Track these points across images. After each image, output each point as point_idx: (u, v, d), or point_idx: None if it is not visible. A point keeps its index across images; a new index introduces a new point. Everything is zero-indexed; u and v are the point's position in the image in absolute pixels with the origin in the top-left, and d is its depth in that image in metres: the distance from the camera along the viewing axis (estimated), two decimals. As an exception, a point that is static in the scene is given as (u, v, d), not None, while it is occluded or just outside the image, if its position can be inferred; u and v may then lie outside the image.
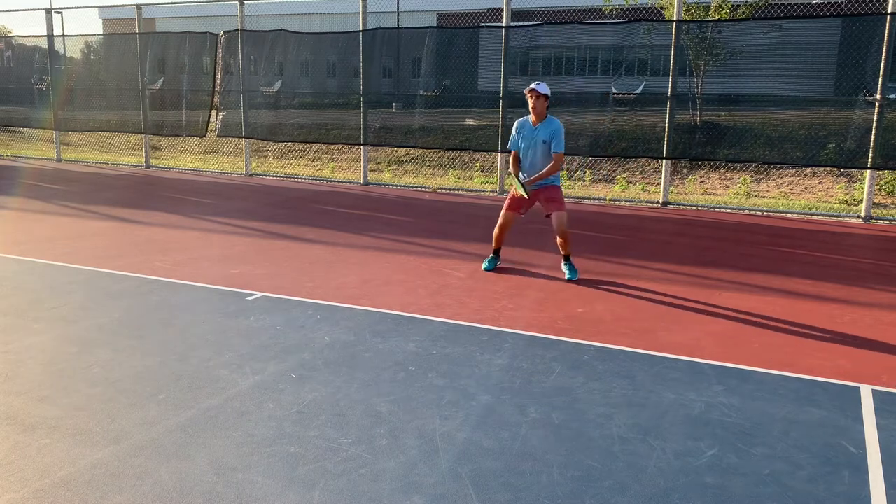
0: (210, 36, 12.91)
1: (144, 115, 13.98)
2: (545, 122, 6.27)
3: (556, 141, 6.20)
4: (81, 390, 3.89)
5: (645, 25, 10.31)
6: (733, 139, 10.79)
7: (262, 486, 2.99)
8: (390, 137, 12.32)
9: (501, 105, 10.90)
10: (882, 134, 8.97)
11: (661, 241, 8.15)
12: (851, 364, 4.43)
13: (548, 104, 6.27)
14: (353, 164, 14.93)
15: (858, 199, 10.52)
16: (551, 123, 6.25)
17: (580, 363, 4.38)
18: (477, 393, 3.93)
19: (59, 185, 12.06)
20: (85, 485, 2.98)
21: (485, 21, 17.31)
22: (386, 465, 3.17)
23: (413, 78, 11.98)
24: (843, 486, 3.06)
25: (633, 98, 10.27)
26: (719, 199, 11.20)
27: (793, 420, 3.66)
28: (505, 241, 6.73)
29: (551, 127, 6.23)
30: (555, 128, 6.22)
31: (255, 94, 12.90)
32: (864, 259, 7.46)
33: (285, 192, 11.45)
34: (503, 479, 3.08)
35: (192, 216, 9.10)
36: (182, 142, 16.80)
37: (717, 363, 4.41)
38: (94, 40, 16.27)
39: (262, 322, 5.04)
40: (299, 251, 7.25)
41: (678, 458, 3.27)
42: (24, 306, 5.34)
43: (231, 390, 3.91)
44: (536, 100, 6.19)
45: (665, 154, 10.14)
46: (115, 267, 6.51)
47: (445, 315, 5.25)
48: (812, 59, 9.80)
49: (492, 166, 13.51)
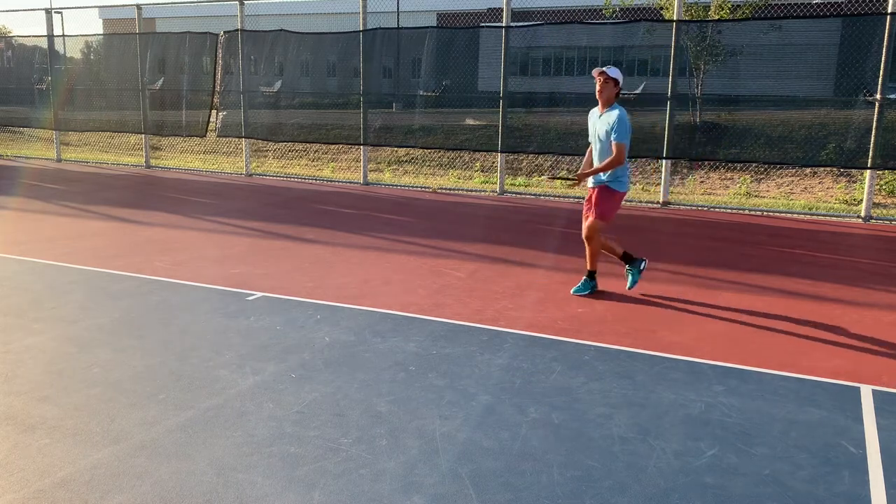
0: (210, 36, 12.91)
1: (144, 115, 13.98)
2: (609, 110, 5.64)
3: (617, 130, 5.51)
4: (81, 390, 3.89)
5: (645, 25, 10.31)
6: (733, 139, 10.80)
7: (263, 486, 2.99)
8: (390, 137, 12.32)
9: (501, 105, 10.90)
10: (882, 134, 8.97)
11: (662, 241, 8.15)
12: (851, 364, 4.43)
13: (618, 91, 5.63)
14: (353, 164, 14.94)
15: (858, 199, 10.52)
16: (614, 111, 5.59)
17: (580, 363, 4.38)
18: (477, 393, 3.93)
19: (59, 185, 12.06)
20: (85, 485, 2.98)
21: (485, 21, 17.31)
22: (386, 465, 3.17)
23: (413, 78, 11.97)
24: (843, 486, 3.06)
25: (633, 98, 10.27)
26: (719, 199, 11.19)
27: (793, 420, 3.66)
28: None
29: (613, 115, 5.57)
30: (615, 116, 5.55)
31: (255, 94, 12.90)
32: (864, 259, 7.46)
33: (285, 192, 11.45)
34: (503, 479, 3.08)
35: (192, 216, 9.10)
36: (182, 142, 16.80)
37: (717, 363, 4.41)
38: (94, 40, 16.27)
39: (262, 322, 5.04)
40: (299, 251, 7.25)
41: (678, 458, 3.27)
42: (24, 306, 5.34)
43: (231, 390, 3.91)
44: (604, 83, 5.57)
45: (665, 154, 10.14)
46: (115, 267, 6.51)
47: (445, 315, 5.25)
48: (812, 59, 9.80)
49: (492, 166, 13.51)
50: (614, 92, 5.63)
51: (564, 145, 11.07)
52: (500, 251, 7.40)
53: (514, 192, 11.69)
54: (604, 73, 5.58)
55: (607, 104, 5.66)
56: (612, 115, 5.59)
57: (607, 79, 5.58)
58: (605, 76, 5.58)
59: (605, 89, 5.60)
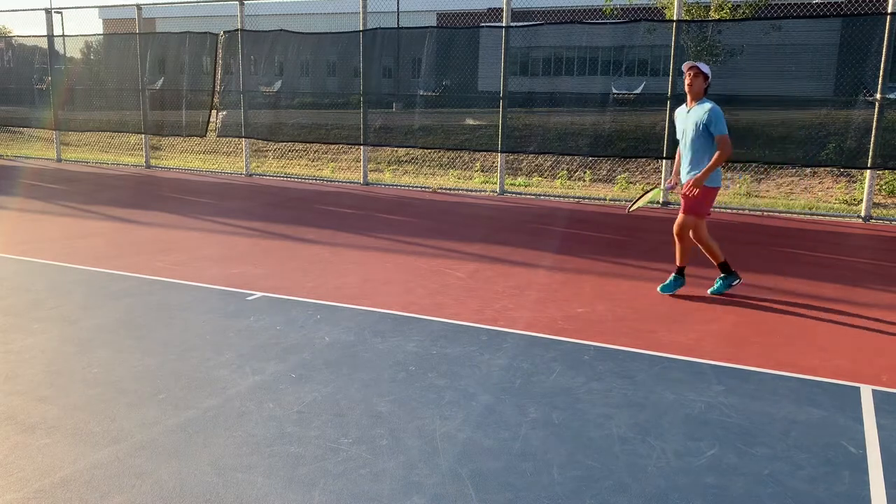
0: (210, 36, 12.91)
1: (144, 115, 13.98)
2: (699, 103, 5.66)
3: (716, 122, 5.51)
4: (81, 390, 3.89)
5: (645, 25, 10.31)
6: (733, 139, 10.76)
7: (263, 486, 2.99)
8: (390, 137, 12.32)
9: (501, 105, 10.90)
10: (882, 134, 8.97)
11: (661, 241, 8.14)
12: (851, 364, 4.43)
13: (707, 86, 5.68)
14: (353, 164, 14.94)
15: (858, 199, 10.52)
16: (705, 104, 5.62)
17: (580, 363, 4.38)
18: (477, 393, 3.93)
19: (59, 185, 12.06)
20: (85, 485, 2.98)
21: (485, 21, 17.31)
22: (386, 465, 3.17)
23: (413, 78, 11.97)
24: (843, 486, 3.06)
25: (633, 98, 10.27)
26: (719, 199, 11.17)
27: (793, 420, 3.66)
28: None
29: (705, 107, 5.58)
30: (710, 108, 5.54)
31: (255, 94, 12.90)
32: (864, 259, 7.46)
33: (285, 192, 11.45)
34: (503, 479, 3.08)
35: (192, 216, 9.10)
36: (182, 142, 16.80)
37: (717, 363, 4.41)
38: (94, 40, 16.27)
39: (262, 322, 5.04)
40: (299, 251, 7.25)
41: (678, 458, 3.27)
42: (24, 306, 5.34)
43: (231, 390, 3.91)
44: (694, 77, 5.62)
45: (665, 154, 10.14)
46: (115, 267, 6.51)
47: (445, 315, 5.25)
48: (812, 59, 9.79)
49: (492, 166, 13.51)
50: (703, 86, 5.66)
51: (564, 145, 11.07)
52: (500, 251, 7.40)
53: (514, 192, 11.70)
54: (695, 67, 5.62)
55: (696, 98, 5.69)
56: (704, 107, 5.60)
57: (697, 73, 5.62)
58: (696, 70, 5.62)
59: (694, 83, 5.64)
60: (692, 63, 5.66)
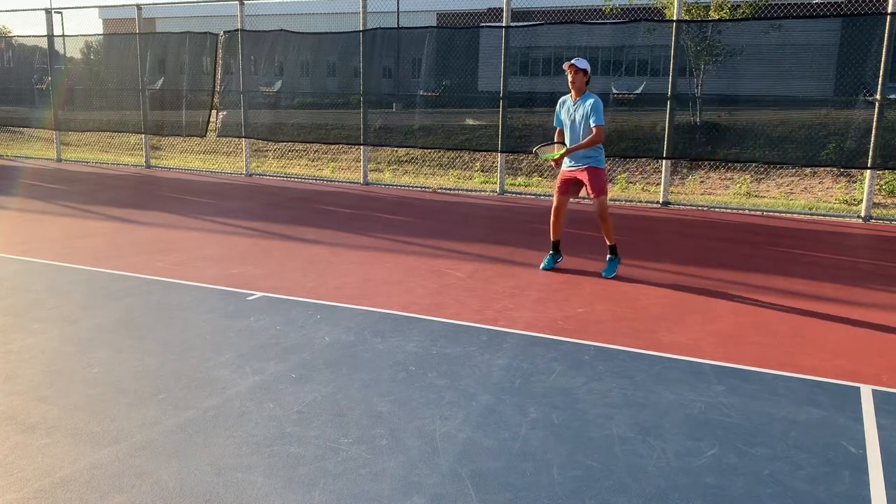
0: (210, 36, 12.91)
1: (144, 115, 13.98)
2: (583, 97, 6.28)
3: (595, 115, 6.16)
4: (81, 390, 3.89)
5: (645, 25, 10.31)
6: (733, 139, 10.80)
7: (263, 486, 2.99)
8: (390, 137, 12.32)
9: (501, 105, 10.90)
10: (882, 134, 8.97)
11: (662, 241, 8.15)
12: (851, 364, 4.43)
13: (587, 79, 6.28)
14: (353, 164, 14.93)
15: (858, 199, 10.52)
16: (588, 98, 6.24)
17: (580, 363, 4.38)
18: (477, 393, 3.93)
19: (59, 185, 12.06)
20: (85, 485, 2.98)
21: (485, 21, 17.31)
22: (386, 465, 3.17)
23: (413, 78, 11.97)
24: (843, 486, 3.06)
25: (633, 98, 10.27)
26: (719, 199, 11.19)
27: (793, 420, 3.66)
28: (560, 232, 6.64)
29: (587, 102, 6.22)
30: (592, 102, 6.20)
31: (255, 94, 12.90)
32: (864, 259, 7.46)
33: (285, 192, 11.45)
34: (503, 479, 3.08)
35: (192, 216, 9.10)
36: (182, 142, 16.79)
37: (717, 363, 4.41)
38: (94, 40, 16.27)
39: (262, 322, 5.04)
40: (299, 251, 7.25)
41: (678, 458, 3.27)
42: (24, 306, 5.34)
43: (231, 390, 3.91)
44: (575, 74, 6.22)
45: (665, 154, 10.14)
46: (115, 267, 6.51)
47: (445, 315, 5.25)
48: (812, 59, 9.79)
49: (492, 166, 13.51)
50: (584, 80, 6.28)
51: (564, 145, 11.04)
52: (500, 251, 7.41)
53: (514, 192, 11.69)
54: (573, 66, 6.22)
55: (580, 93, 6.30)
56: (587, 102, 6.22)
57: (577, 70, 6.23)
58: (574, 68, 6.22)
59: (576, 80, 6.26)
60: (570, 62, 6.23)
